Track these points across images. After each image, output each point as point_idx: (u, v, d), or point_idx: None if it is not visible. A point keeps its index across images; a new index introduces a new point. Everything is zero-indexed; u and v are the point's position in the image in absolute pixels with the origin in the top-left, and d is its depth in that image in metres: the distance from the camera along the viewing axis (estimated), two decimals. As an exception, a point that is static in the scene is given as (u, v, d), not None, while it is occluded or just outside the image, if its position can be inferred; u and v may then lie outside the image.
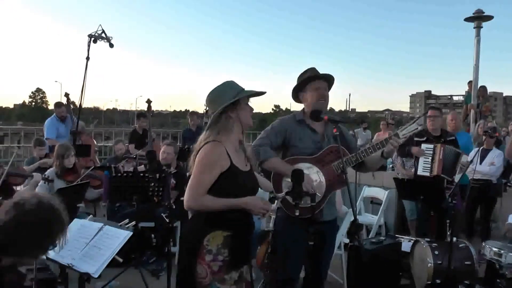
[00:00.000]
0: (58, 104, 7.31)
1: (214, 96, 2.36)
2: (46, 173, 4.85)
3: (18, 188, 5.07)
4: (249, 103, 2.40)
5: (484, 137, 5.48)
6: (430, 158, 4.83)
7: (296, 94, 3.01)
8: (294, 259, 2.83)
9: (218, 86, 2.38)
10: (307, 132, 2.91)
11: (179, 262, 2.33)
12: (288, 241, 2.74)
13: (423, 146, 4.90)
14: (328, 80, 2.95)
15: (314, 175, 2.82)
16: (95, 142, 8.56)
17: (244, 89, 2.38)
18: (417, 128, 2.79)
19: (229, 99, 2.29)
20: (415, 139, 5.06)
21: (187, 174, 4.94)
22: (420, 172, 4.89)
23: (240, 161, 2.35)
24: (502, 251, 3.69)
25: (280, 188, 2.84)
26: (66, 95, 7.25)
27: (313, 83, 2.90)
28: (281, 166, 2.84)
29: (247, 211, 2.29)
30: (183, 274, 2.28)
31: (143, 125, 7.51)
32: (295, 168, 2.59)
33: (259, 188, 2.71)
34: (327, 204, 2.86)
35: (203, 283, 2.21)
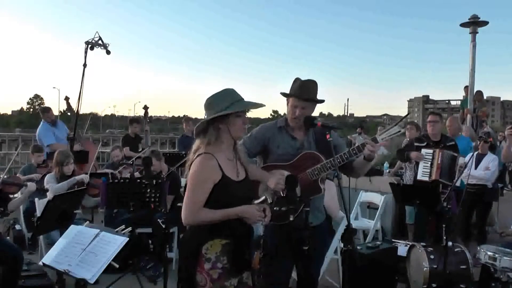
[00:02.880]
0: (46, 109, 7.28)
1: (209, 102, 2.32)
2: (44, 183, 4.90)
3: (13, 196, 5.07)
4: (246, 114, 2.33)
5: (478, 142, 5.52)
6: (429, 163, 4.86)
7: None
8: (284, 264, 2.83)
9: (217, 92, 2.32)
10: (286, 138, 2.88)
11: (179, 271, 2.33)
12: (277, 246, 2.74)
13: (423, 151, 4.94)
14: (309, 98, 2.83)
15: None
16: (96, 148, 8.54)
17: (242, 99, 2.31)
18: (399, 131, 2.75)
19: (221, 109, 2.24)
20: (416, 144, 5.10)
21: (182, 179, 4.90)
22: (419, 177, 4.93)
23: (232, 171, 2.33)
24: (496, 255, 3.71)
25: (257, 195, 2.82)
26: (66, 98, 7.25)
27: (291, 99, 2.83)
28: (257, 172, 2.81)
29: (244, 220, 2.29)
30: (183, 283, 2.28)
31: (135, 130, 7.61)
32: (289, 174, 2.60)
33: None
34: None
35: None
